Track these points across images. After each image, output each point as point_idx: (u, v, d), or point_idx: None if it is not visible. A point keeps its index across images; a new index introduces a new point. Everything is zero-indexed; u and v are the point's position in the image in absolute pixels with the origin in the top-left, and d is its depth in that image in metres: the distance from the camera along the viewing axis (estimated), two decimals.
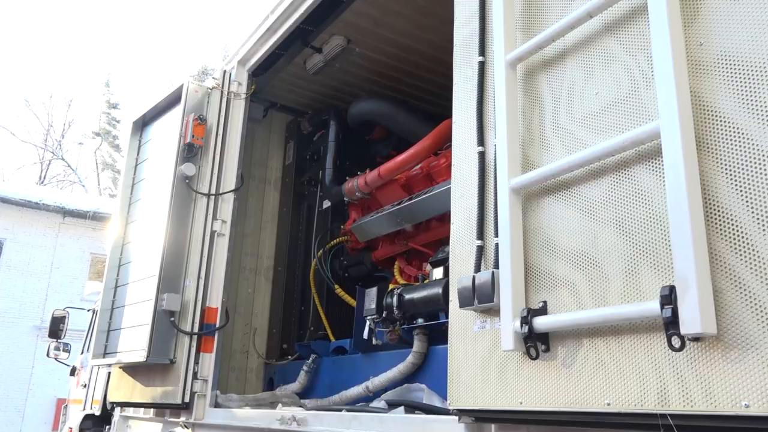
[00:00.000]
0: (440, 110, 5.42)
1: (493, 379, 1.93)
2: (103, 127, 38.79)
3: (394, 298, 3.66)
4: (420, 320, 3.58)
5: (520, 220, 1.91)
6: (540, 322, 1.73)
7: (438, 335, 3.58)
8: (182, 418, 4.42)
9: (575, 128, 1.83)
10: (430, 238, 4.33)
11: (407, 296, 3.62)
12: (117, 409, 5.86)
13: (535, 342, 1.74)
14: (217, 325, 4.50)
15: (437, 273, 3.55)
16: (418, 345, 3.50)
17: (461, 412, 2.07)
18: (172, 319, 4.45)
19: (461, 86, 2.41)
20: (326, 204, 5.19)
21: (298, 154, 5.66)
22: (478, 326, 2.02)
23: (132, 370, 4.93)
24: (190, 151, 4.82)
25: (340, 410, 3.10)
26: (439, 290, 3.38)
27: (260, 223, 5.64)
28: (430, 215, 4.05)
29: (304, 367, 4.46)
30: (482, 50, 2.29)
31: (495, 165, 2.07)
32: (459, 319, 2.13)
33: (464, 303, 2.02)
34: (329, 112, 5.30)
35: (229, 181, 4.84)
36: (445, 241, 4.33)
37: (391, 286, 4.24)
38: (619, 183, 1.66)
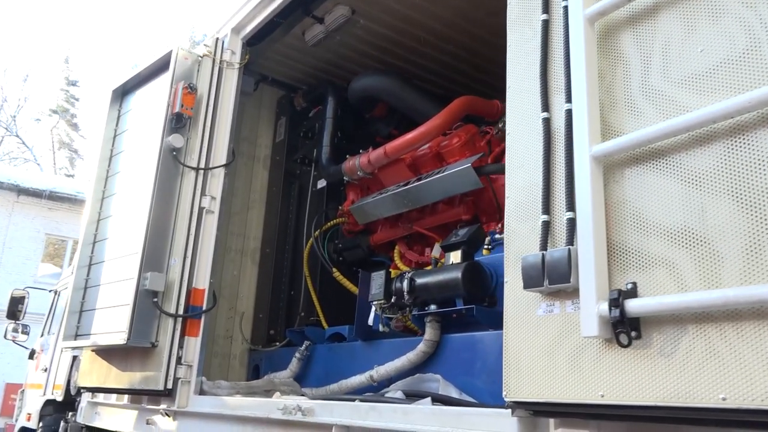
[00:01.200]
0: (445, 91, 5.21)
1: (562, 369, 1.73)
2: (60, 105, 37.47)
3: (405, 283, 3.44)
4: (433, 306, 3.37)
5: (602, 192, 1.71)
6: (634, 306, 1.53)
7: (451, 323, 3.38)
8: (163, 406, 4.12)
9: (673, 90, 1.64)
10: (436, 221, 4.12)
11: (420, 281, 3.40)
12: (84, 395, 5.49)
13: (627, 327, 1.54)
14: (204, 308, 4.21)
15: (454, 257, 3.33)
16: (430, 333, 3.29)
17: (517, 405, 1.86)
18: (155, 299, 4.14)
19: (518, 48, 2.20)
20: (321, 184, 4.93)
21: (290, 131, 5.38)
22: (543, 310, 1.82)
23: (107, 353, 4.59)
24: (178, 122, 4.49)
25: (353, 400, 2.86)
26: (458, 274, 3.17)
27: (248, 202, 5.34)
28: (443, 197, 3.84)
29: (297, 354, 4.21)
30: (546, 7, 2.07)
31: (566, 132, 1.86)
32: (518, 303, 1.92)
33: (530, 284, 1.81)
34: (327, 87, 5.03)
35: (220, 155, 4.53)
36: (452, 225, 4.15)
37: (392, 272, 4.03)
38: (735, 150, 1.46)
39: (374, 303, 3.59)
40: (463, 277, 3.15)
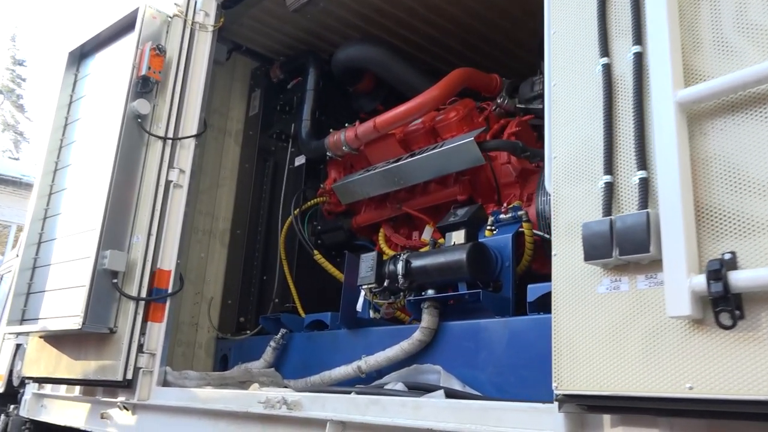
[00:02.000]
0: (429, 69, 4.91)
1: (633, 357, 1.45)
2: (5, 85, 35.76)
3: (400, 265, 3.13)
4: (430, 291, 3.07)
5: (688, 146, 1.43)
6: (741, 279, 1.26)
7: (447, 310, 3.09)
8: (120, 398, 3.71)
9: None
10: (428, 202, 3.82)
11: (417, 263, 3.10)
12: (29, 386, 4.99)
13: (732, 305, 1.26)
14: (170, 291, 3.82)
15: (456, 238, 3.04)
16: (427, 320, 2.99)
17: (569, 399, 1.58)
18: (115, 281, 3.73)
19: None
20: (299, 161, 4.58)
21: (265, 105, 4.99)
22: (606, 287, 1.54)
23: (57, 340, 4.14)
24: (144, 86, 4.07)
25: (349, 392, 2.54)
26: (462, 256, 2.88)
27: (217, 179, 4.93)
28: (440, 174, 3.54)
29: (272, 343, 3.85)
30: None
31: (635, 78, 1.58)
32: (571, 279, 1.64)
33: (594, 255, 1.52)
34: (308, 57, 4.67)
35: (190, 125, 4.13)
36: (445, 206, 3.85)
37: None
38: None
39: (364, 287, 3.27)
40: (468, 259, 2.86)
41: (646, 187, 1.49)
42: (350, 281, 3.54)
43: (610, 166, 1.60)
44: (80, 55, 4.83)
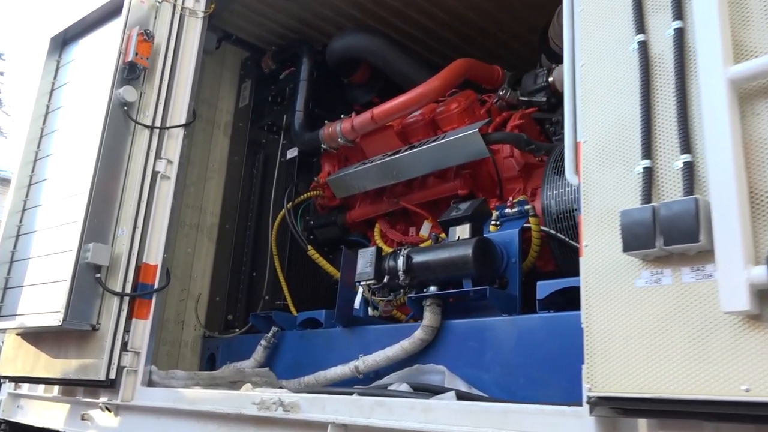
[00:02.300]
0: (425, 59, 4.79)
1: (677, 356, 1.33)
2: None
3: (400, 260, 3.00)
4: (432, 288, 2.94)
5: (740, 127, 1.32)
6: None
7: (451, 308, 2.96)
8: (103, 399, 3.54)
9: None
10: (427, 196, 3.70)
11: (419, 258, 2.97)
12: (5, 386, 4.78)
13: None
14: (156, 286, 3.65)
15: (461, 232, 2.91)
16: (430, 318, 2.86)
17: (602, 401, 1.45)
18: (98, 275, 3.56)
19: None
20: (291, 154, 4.43)
21: (256, 96, 4.83)
22: (646, 280, 1.42)
23: (36, 337, 3.94)
24: (131, 73, 3.90)
25: (351, 393, 2.40)
26: (468, 251, 2.75)
27: (205, 172, 4.76)
28: (442, 167, 3.42)
29: (263, 342, 3.69)
30: None
31: (676, 56, 1.47)
32: (604, 272, 1.52)
33: (635, 245, 1.40)
34: (302, 47, 4.52)
35: (178, 114, 3.96)
36: (444, 201, 3.73)
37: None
38: None
39: (362, 283, 3.14)
40: (474, 254, 2.74)
41: (691, 172, 1.38)
42: (347, 278, 3.41)
43: (648, 150, 1.48)
44: (63, 41, 4.65)
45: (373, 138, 3.81)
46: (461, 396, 2.26)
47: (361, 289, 3.20)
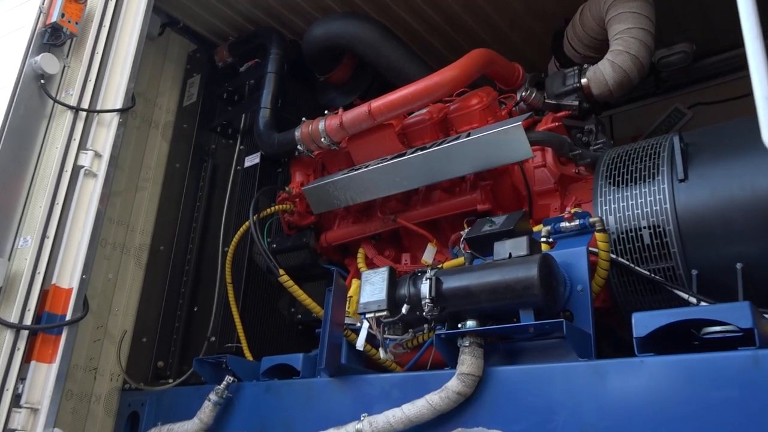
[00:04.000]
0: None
1: None
2: None
3: (424, 286, 2.23)
4: (470, 323, 2.18)
5: None
6: None
7: (491, 350, 2.21)
8: None
9: None
10: (434, 213, 2.98)
11: (452, 283, 2.21)
12: None
13: None
14: (69, 317, 2.69)
15: (513, 247, 2.18)
16: (470, 363, 2.08)
17: None
18: None
19: None
20: (251, 161, 3.60)
21: (206, 93, 3.99)
22: None
23: None
24: (54, 38, 3.05)
25: None
26: (532, 272, 2.02)
27: (136, 180, 3.82)
28: (471, 170, 2.71)
29: (212, 396, 2.77)
30: None
31: None
32: None
33: None
34: (270, 36, 3.77)
35: (113, 95, 3.11)
36: (454, 219, 3.02)
37: (355, 283, 2.80)
38: None
39: (369, 316, 2.33)
40: (540, 275, 2.01)
41: None
42: (336, 309, 2.59)
43: None
44: None
45: (365, 140, 3.07)
46: None
47: (366, 324, 2.38)
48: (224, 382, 2.81)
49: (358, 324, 2.79)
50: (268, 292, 3.44)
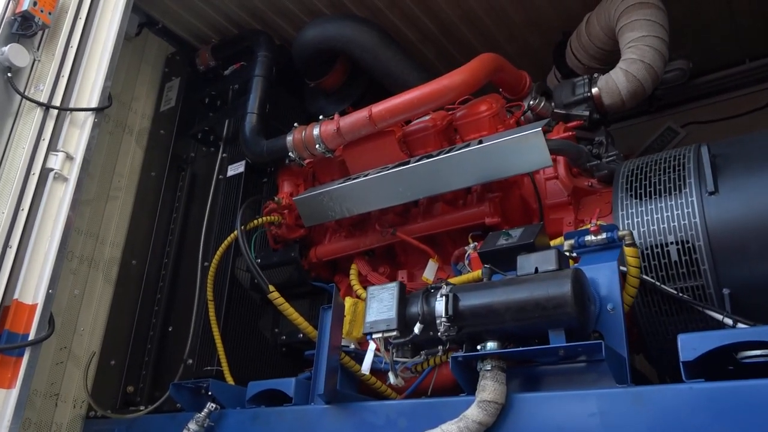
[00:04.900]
0: None
1: None
2: None
3: (439, 303, 2.02)
4: (491, 344, 1.97)
5: None
6: None
7: (517, 375, 2.01)
8: None
9: None
10: (433, 227, 2.79)
11: (471, 300, 2.00)
12: None
13: None
14: (32, 336, 2.40)
15: (541, 261, 1.99)
16: (492, 389, 1.87)
17: None
18: None
19: None
20: (235, 170, 3.35)
21: (185, 98, 3.74)
22: None
23: None
24: (24, 27, 2.78)
25: None
26: (565, 288, 1.83)
27: (108, 189, 3.53)
28: (482, 181, 2.52)
29: (192, 425, 2.49)
30: None
31: None
32: None
33: None
34: (258, 38, 3.55)
35: (88, 94, 2.84)
36: (456, 234, 2.83)
37: (348, 301, 2.59)
38: None
39: (376, 335, 2.10)
40: (574, 291, 1.82)
41: None
42: (334, 330, 2.36)
43: None
44: None
45: (363, 147, 2.87)
46: None
47: (373, 346, 2.16)
48: (205, 410, 2.54)
49: (352, 346, 2.59)
50: (251, 311, 3.18)
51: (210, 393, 2.61)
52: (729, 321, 2.05)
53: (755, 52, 4.01)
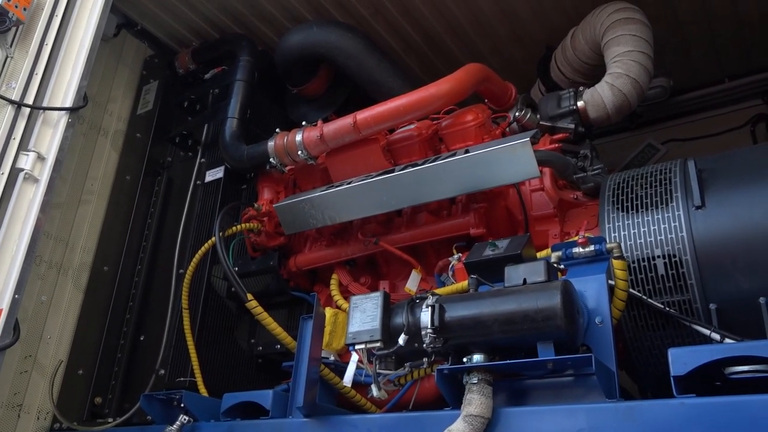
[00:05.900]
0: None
1: None
2: None
3: (425, 314, 1.96)
4: (477, 357, 1.92)
5: None
6: None
7: (503, 389, 1.96)
8: None
9: None
10: (414, 238, 2.74)
11: (458, 311, 1.95)
12: None
13: None
14: None
15: (529, 272, 1.95)
16: (478, 403, 1.81)
17: None
18: None
19: None
20: (213, 175, 3.27)
21: (163, 101, 3.66)
22: None
23: None
24: None
25: None
26: (554, 300, 1.79)
27: (80, 193, 3.42)
28: (467, 191, 2.49)
29: None
30: None
31: None
32: None
33: None
34: (240, 42, 3.49)
35: (62, 93, 2.75)
36: (440, 245, 2.78)
37: (329, 312, 2.52)
38: None
39: (359, 346, 2.03)
40: (563, 303, 1.78)
41: None
42: (316, 343, 2.29)
43: None
44: None
45: (346, 155, 2.81)
46: None
47: (356, 357, 2.09)
48: (177, 422, 2.45)
49: (332, 358, 2.53)
50: (226, 321, 3.09)
51: (183, 405, 2.51)
52: (716, 336, 2.03)
53: (734, 72, 4.06)
